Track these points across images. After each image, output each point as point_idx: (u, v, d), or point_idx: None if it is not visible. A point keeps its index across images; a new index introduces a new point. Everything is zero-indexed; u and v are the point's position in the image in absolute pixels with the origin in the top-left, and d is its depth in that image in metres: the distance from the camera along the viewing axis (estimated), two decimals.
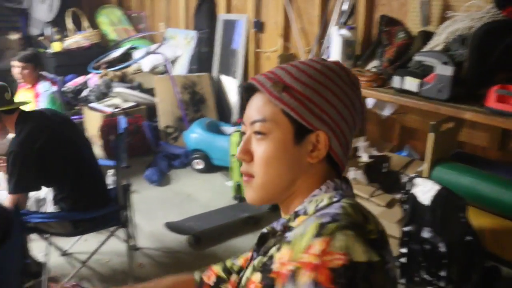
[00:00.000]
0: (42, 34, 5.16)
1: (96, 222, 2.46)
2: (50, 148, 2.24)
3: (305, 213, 0.86)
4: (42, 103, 3.53)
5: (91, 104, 4.49)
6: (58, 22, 5.22)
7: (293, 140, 0.86)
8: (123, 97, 4.52)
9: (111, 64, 5.02)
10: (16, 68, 3.53)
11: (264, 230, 0.92)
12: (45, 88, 3.60)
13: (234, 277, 1.09)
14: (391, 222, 2.68)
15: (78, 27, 5.37)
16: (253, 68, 4.30)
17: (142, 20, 5.60)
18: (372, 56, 3.01)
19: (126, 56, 5.16)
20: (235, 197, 3.62)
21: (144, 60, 4.93)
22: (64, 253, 2.82)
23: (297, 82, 0.86)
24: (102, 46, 5.36)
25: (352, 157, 3.17)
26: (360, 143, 3.10)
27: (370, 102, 3.11)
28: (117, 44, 5.37)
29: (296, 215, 0.87)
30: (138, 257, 2.86)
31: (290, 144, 0.86)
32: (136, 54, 5.09)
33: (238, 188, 3.59)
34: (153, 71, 4.89)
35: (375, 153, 3.07)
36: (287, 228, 0.87)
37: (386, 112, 3.10)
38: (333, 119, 0.87)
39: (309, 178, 0.89)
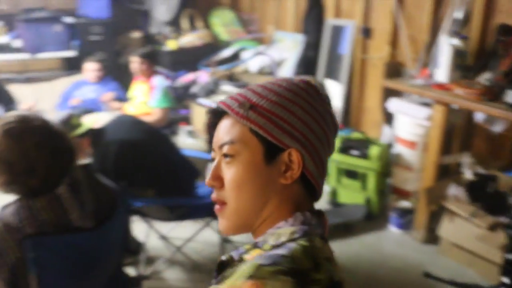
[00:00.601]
0: (160, 33, 5.52)
1: (191, 210, 2.62)
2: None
3: (262, 246, 0.80)
4: (156, 96, 3.83)
5: (199, 100, 4.74)
6: (175, 22, 5.55)
7: (264, 160, 0.81)
8: (229, 95, 4.70)
9: (220, 63, 5.24)
10: (135, 62, 3.89)
11: (223, 257, 0.86)
12: (159, 82, 3.90)
13: None
14: (492, 247, 2.53)
15: (193, 27, 5.67)
16: (358, 74, 4.25)
17: (252, 22, 5.76)
18: (484, 68, 2.85)
19: (235, 56, 5.35)
20: (330, 202, 3.61)
21: (252, 61, 5.08)
22: (162, 237, 3.01)
23: (263, 100, 0.82)
24: (214, 45, 5.60)
25: (455, 172, 3.03)
26: (465, 159, 2.95)
27: (479, 117, 2.94)
28: (227, 45, 5.58)
29: (255, 246, 0.82)
30: (229, 250, 2.97)
31: (260, 165, 0.81)
32: (245, 55, 5.26)
33: (334, 194, 3.58)
34: (260, 72, 5.01)
35: (481, 171, 2.90)
36: (242, 259, 0.81)
37: (497, 128, 2.91)
38: (304, 136, 0.82)
39: (282, 203, 0.83)
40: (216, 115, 0.88)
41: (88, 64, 4.66)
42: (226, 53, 5.39)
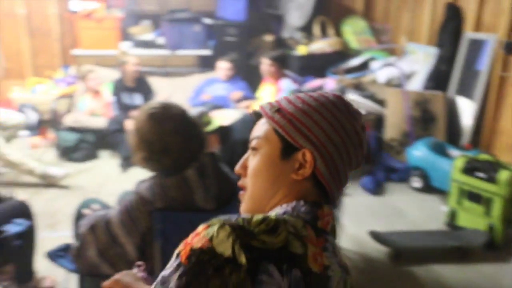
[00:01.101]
0: (291, 38, 5.66)
1: None
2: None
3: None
4: None
5: None
6: (307, 28, 5.66)
7: (280, 155, 0.92)
8: (354, 104, 4.67)
9: (348, 71, 5.23)
10: (265, 64, 4.04)
11: None
12: (286, 85, 4.01)
13: None
14: None
15: (324, 34, 5.73)
16: (495, 93, 3.98)
17: (384, 32, 5.67)
18: None
19: (363, 66, 5.30)
20: (447, 224, 3.43)
21: (381, 72, 4.99)
22: None
23: (290, 105, 0.93)
24: (343, 53, 5.60)
25: None
26: None
27: None
28: (357, 53, 5.55)
29: None
30: None
31: (277, 159, 0.92)
32: (374, 65, 5.19)
33: (453, 216, 3.39)
34: (388, 83, 4.91)
35: None
36: None
37: None
38: (319, 140, 0.89)
39: (289, 194, 0.92)
40: (257, 116, 1.00)
41: (221, 63, 4.94)
42: (355, 61, 5.37)
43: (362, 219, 3.44)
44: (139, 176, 1.80)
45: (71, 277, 2.20)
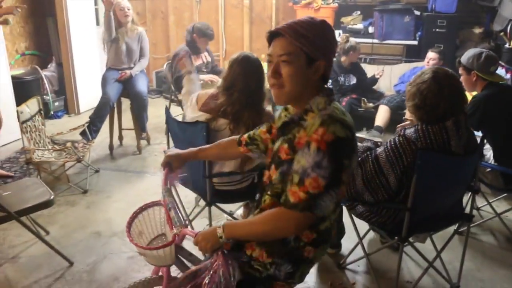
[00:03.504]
0: (503, 30, 5.65)
1: None
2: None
3: (312, 111, 1.44)
4: None
5: None
6: None
7: (305, 65, 1.42)
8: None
9: None
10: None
11: (286, 119, 1.54)
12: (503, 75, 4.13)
13: (270, 145, 1.68)
14: None
15: None
16: None
17: None
18: None
19: None
20: None
21: None
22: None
23: (310, 32, 1.41)
24: None
25: None
26: None
27: None
28: None
29: (306, 111, 1.45)
30: None
31: (304, 67, 1.42)
32: None
33: None
34: None
35: None
36: (301, 119, 1.45)
37: None
38: (328, 55, 1.46)
39: (312, 88, 1.46)
40: (273, 35, 1.46)
41: (431, 53, 5.22)
42: None
43: None
44: None
45: None
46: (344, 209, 2.75)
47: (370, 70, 5.77)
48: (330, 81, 5.34)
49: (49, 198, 2.71)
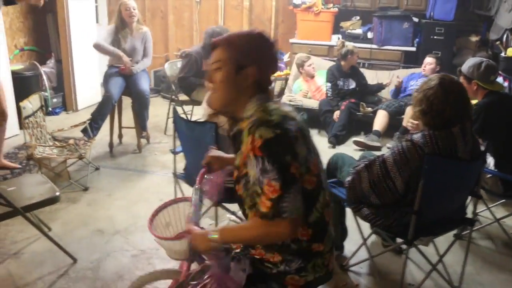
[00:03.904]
0: (499, 39, 5.74)
1: None
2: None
3: (246, 118, 1.45)
4: None
5: None
6: None
7: (234, 71, 1.48)
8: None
9: None
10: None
11: (234, 131, 1.54)
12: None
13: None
14: None
15: None
16: None
17: None
18: None
19: None
20: None
21: None
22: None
23: (242, 41, 1.50)
24: None
25: None
26: None
27: None
28: None
29: (242, 120, 1.47)
30: None
31: (232, 73, 1.48)
32: None
33: None
34: None
35: None
36: (240, 129, 1.47)
37: None
38: (258, 60, 1.49)
39: (246, 94, 1.50)
40: (213, 47, 1.53)
41: (429, 58, 5.29)
42: None
43: None
44: (346, 150, 2.34)
45: None
46: (348, 211, 2.79)
47: (368, 75, 5.83)
48: (329, 85, 5.41)
49: (54, 195, 2.72)
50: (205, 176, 1.80)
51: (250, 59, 1.48)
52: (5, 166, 4.18)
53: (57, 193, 2.73)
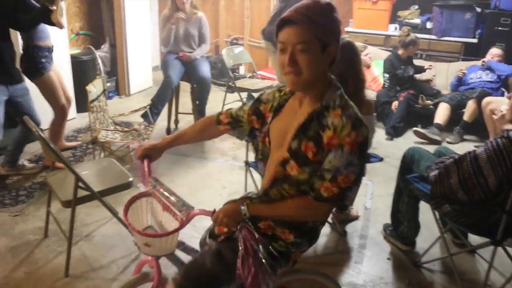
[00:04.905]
0: None
1: None
2: None
3: (332, 108, 1.44)
4: None
5: None
6: None
7: (320, 51, 1.41)
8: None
9: None
10: None
11: (303, 120, 1.47)
12: None
13: (257, 126, 1.69)
14: None
15: None
16: None
17: None
18: None
19: None
20: None
21: None
22: None
23: (321, 17, 1.38)
24: None
25: None
26: None
27: None
28: None
29: (326, 108, 1.45)
30: None
31: (319, 53, 1.41)
32: None
33: None
34: None
35: None
36: (321, 116, 1.45)
37: None
38: (337, 38, 1.45)
39: (325, 74, 1.49)
40: (284, 23, 1.41)
41: (495, 49, 5.09)
42: None
43: None
44: (404, 142, 2.22)
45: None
46: (423, 206, 2.71)
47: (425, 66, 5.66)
48: (387, 75, 5.28)
49: (128, 180, 2.73)
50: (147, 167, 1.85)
51: (332, 35, 1.43)
52: (67, 147, 4.27)
53: (130, 179, 2.74)
